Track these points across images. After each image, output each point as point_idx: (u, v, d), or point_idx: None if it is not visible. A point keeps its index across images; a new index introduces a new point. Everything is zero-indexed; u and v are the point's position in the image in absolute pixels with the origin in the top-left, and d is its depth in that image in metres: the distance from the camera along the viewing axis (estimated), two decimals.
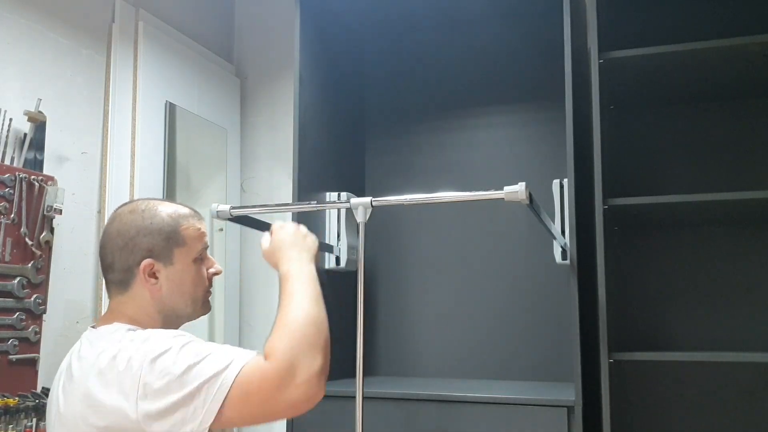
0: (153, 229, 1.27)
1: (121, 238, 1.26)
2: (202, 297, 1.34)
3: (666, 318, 2.13)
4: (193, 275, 1.31)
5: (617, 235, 2.16)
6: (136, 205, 1.31)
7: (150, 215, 1.28)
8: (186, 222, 1.31)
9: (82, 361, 1.19)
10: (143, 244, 1.25)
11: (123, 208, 1.31)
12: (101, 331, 1.24)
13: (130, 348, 1.14)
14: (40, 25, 2.00)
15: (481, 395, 1.82)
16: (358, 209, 1.46)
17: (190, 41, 2.61)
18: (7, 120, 1.85)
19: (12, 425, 1.73)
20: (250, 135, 2.83)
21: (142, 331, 1.21)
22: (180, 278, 1.28)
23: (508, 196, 1.38)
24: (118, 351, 1.14)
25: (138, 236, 1.26)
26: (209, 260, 1.36)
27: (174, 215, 1.30)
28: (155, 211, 1.29)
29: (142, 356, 1.12)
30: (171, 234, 1.28)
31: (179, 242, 1.28)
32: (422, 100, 2.51)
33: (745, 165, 2.11)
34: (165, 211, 1.30)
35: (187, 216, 1.32)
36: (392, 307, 2.44)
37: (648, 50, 1.83)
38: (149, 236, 1.26)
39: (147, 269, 1.25)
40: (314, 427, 1.95)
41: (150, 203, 1.31)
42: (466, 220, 2.40)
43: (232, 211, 1.59)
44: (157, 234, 1.26)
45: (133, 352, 1.13)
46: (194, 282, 1.31)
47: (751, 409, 2.03)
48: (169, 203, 1.34)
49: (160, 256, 1.26)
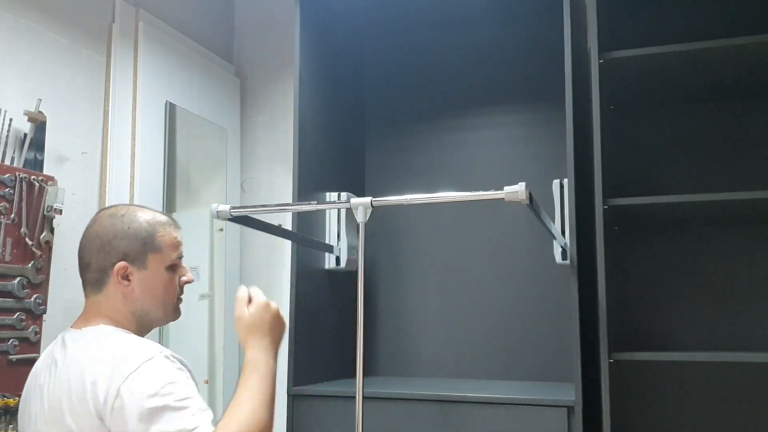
0: (130, 234, 1.32)
1: (99, 240, 1.32)
2: (173, 303, 1.38)
3: (666, 318, 2.13)
4: (165, 282, 1.35)
5: (617, 235, 2.16)
6: (116, 209, 1.37)
7: (129, 220, 1.33)
8: (163, 230, 1.35)
9: (68, 359, 1.23)
10: (120, 247, 1.31)
11: (104, 212, 1.37)
12: (87, 332, 1.28)
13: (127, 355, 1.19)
14: (40, 25, 2.00)
15: (481, 395, 1.82)
16: (358, 209, 1.47)
17: (190, 41, 2.61)
18: (7, 120, 1.85)
19: (12, 425, 1.73)
20: (250, 135, 2.83)
21: (141, 341, 1.25)
22: (152, 283, 1.33)
23: (508, 196, 1.38)
24: (119, 355, 1.19)
25: (115, 239, 1.31)
26: (182, 268, 1.40)
27: (152, 222, 1.35)
28: (134, 217, 1.34)
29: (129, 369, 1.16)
30: (147, 240, 1.33)
31: (155, 248, 1.33)
32: (422, 100, 2.51)
33: (745, 165, 2.11)
34: (143, 217, 1.35)
35: (165, 224, 1.37)
36: (392, 307, 2.44)
37: (648, 50, 1.83)
38: (126, 240, 1.31)
39: (120, 272, 1.30)
40: (314, 427, 1.94)
41: (130, 209, 1.37)
42: (466, 220, 2.40)
43: (232, 211, 1.60)
44: (133, 238, 1.32)
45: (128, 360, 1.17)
46: (165, 288, 1.36)
47: (751, 409, 2.03)
48: (149, 210, 1.39)
49: (135, 260, 1.32)
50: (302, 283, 2.08)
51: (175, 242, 1.37)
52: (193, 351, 2.49)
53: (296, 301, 2.05)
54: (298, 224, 2.10)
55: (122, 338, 1.26)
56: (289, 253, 2.22)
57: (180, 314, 1.41)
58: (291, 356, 2.02)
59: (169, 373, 1.17)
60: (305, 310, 2.09)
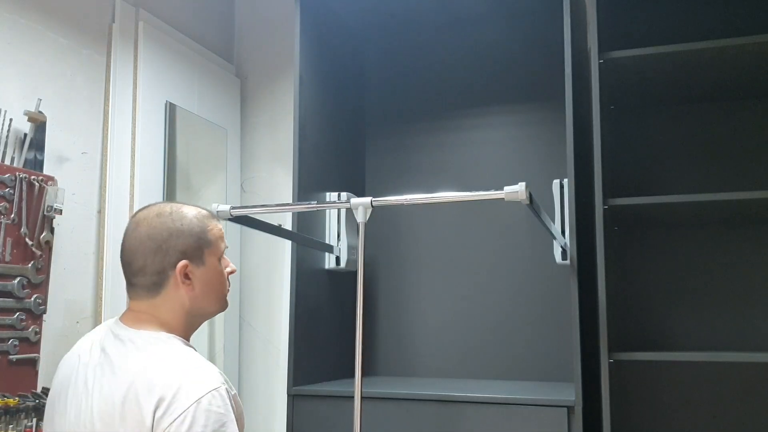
0: (184, 231, 1.30)
1: (152, 242, 1.28)
2: (225, 294, 1.38)
3: (666, 318, 2.13)
4: (219, 274, 1.35)
5: (617, 235, 2.16)
6: (161, 208, 1.33)
7: (179, 217, 1.31)
8: (210, 223, 1.35)
9: (126, 360, 1.22)
10: (177, 246, 1.28)
11: (147, 212, 1.33)
12: (144, 336, 1.26)
13: (195, 382, 1.18)
14: (40, 25, 2.00)
15: (481, 395, 1.82)
16: (358, 209, 1.47)
17: (190, 41, 2.61)
18: (7, 120, 1.85)
19: (12, 425, 1.73)
20: (250, 135, 2.83)
21: (212, 368, 1.24)
22: (210, 278, 1.33)
23: (508, 196, 1.38)
24: (187, 378, 1.18)
25: (171, 238, 1.28)
26: (225, 260, 1.39)
27: (199, 216, 1.34)
28: (183, 213, 1.32)
29: (196, 396, 1.16)
30: (200, 235, 1.31)
31: (207, 242, 1.32)
32: (422, 100, 2.51)
33: (745, 165, 2.11)
34: (191, 213, 1.33)
35: (210, 217, 1.36)
36: (392, 307, 2.44)
37: (648, 50, 1.83)
38: (182, 238, 1.29)
39: (182, 270, 1.28)
40: (314, 427, 1.94)
41: (174, 206, 1.34)
42: (466, 221, 2.40)
43: (232, 211, 1.60)
44: (188, 235, 1.30)
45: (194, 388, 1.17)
46: (220, 280, 1.36)
47: (751, 409, 2.03)
48: (191, 206, 1.37)
49: (193, 257, 1.30)
50: (302, 283, 2.08)
51: (221, 233, 1.37)
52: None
53: (296, 301, 2.05)
54: (298, 224, 2.10)
55: (191, 357, 1.25)
56: (289, 253, 2.22)
57: (228, 304, 1.41)
58: (291, 356, 2.02)
59: (226, 412, 1.18)
60: (305, 310, 2.10)
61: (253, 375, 2.65)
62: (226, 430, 1.16)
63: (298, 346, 2.04)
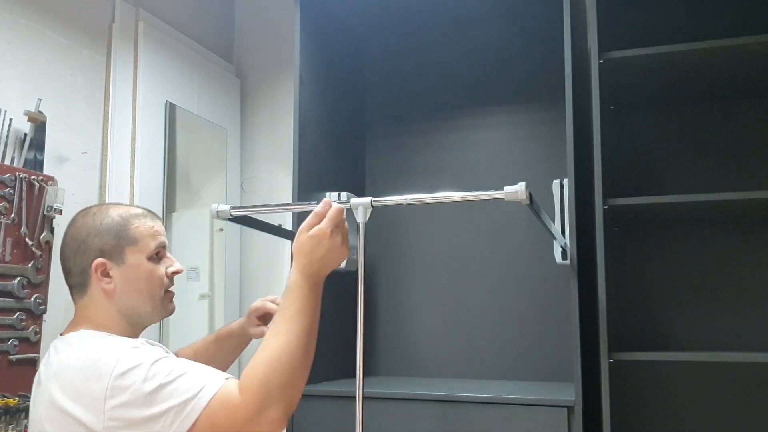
0: (102, 230, 1.29)
1: (74, 242, 1.29)
2: (160, 296, 1.33)
3: (666, 318, 2.13)
4: (147, 273, 1.31)
5: (617, 235, 2.16)
6: (89, 209, 1.34)
7: (100, 217, 1.31)
8: (137, 221, 1.32)
9: (48, 368, 1.21)
10: (94, 244, 1.28)
11: (77, 214, 1.34)
12: (69, 338, 1.25)
13: (98, 360, 1.14)
14: (40, 25, 2.00)
15: (481, 395, 1.82)
16: (358, 209, 1.47)
17: (190, 41, 2.62)
18: (7, 120, 1.85)
19: (12, 425, 1.73)
20: (250, 135, 2.83)
21: (111, 341, 1.20)
22: (134, 276, 1.29)
23: (508, 196, 1.38)
24: (87, 361, 1.15)
25: (89, 237, 1.28)
26: (168, 259, 1.36)
27: (124, 215, 1.32)
28: (106, 213, 1.32)
29: (110, 369, 1.12)
30: (120, 232, 1.30)
31: (130, 240, 1.30)
32: (422, 100, 2.51)
33: (745, 165, 2.11)
34: (115, 212, 1.32)
35: (138, 215, 1.34)
36: (392, 307, 2.44)
37: (648, 50, 1.83)
38: (99, 236, 1.28)
39: (99, 268, 1.27)
40: (314, 427, 1.94)
41: (102, 206, 1.35)
42: (466, 221, 2.40)
43: (232, 211, 1.60)
44: (106, 233, 1.29)
45: (102, 365, 1.13)
46: (149, 280, 1.31)
47: (751, 409, 2.03)
48: (123, 205, 1.36)
49: (112, 255, 1.28)
50: None
51: (152, 231, 1.33)
52: None
53: None
54: (299, 224, 2.10)
55: (95, 342, 1.21)
56: (289, 253, 2.21)
57: (173, 308, 1.37)
58: None
59: (147, 355, 1.14)
60: None
61: None
62: (159, 366, 1.12)
63: None
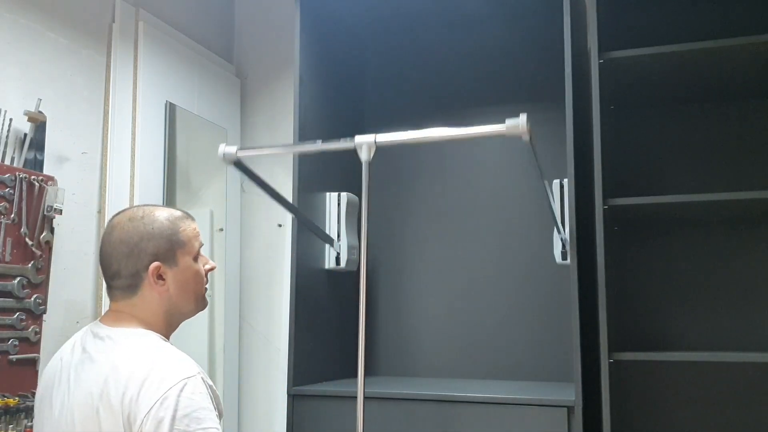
0: (155, 234, 1.34)
1: (125, 246, 1.33)
2: (202, 293, 1.43)
3: (666, 318, 2.13)
4: (194, 274, 1.40)
5: (617, 235, 2.16)
6: (133, 212, 1.38)
7: (150, 221, 1.35)
8: (183, 224, 1.39)
9: (109, 356, 1.25)
10: (148, 248, 1.33)
11: (120, 217, 1.38)
12: (122, 332, 1.30)
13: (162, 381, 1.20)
14: (40, 25, 2.00)
15: (481, 395, 1.82)
16: (362, 147, 1.51)
17: (190, 41, 2.61)
18: (7, 120, 1.85)
19: (12, 425, 1.73)
20: (250, 135, 2.83)
21: (174, 359, 1.25)
22: (184, 277, 1.37)
23: (509, 129, 1.39)
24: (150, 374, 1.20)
25: (142, 242, 1.33)
26: (203, 257, 1.44)
27: (171, 218, 1.38)
28: (154, 217, 1.37)
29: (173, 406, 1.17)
30: (172, 236, 1.36)
31: (180, 243, 1.37)
32: (422, 100, 2.51)
33: (745, 165, 2.11)
34: (162, 215, 1.38)
35: (183, 218, 1.41)
36: (392, 307, 2.44)
37: (648, 50, 1.83)
38: (153, 240, 1.34)
39: (155, 272, 1.33)
40: (314, 427, 1.94)
41: (146, 209, 1.39)
42: (467, 221, 2.40)
43: (239, 152, 1.60)
44: (159, 238, 1.34)
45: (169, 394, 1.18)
46: (196, 279, 1.40)
47: (751, 409, 2.03)
48: (164, 208, 1.42)
49: (166, 258, 1.34)
50: (302, 283, 2.08)
51: (196, 233, 1.42)
52: (193, 351, 2.48)
53: (296, 301, 2.05)
54: (299, 225, 2.10)
55: (166, 349, 1.29)
56: (289, 252, 2.22)
57: (207, 303, 1.45)
58: (291, 356, 2.02)
59: (204, 399, 1.21)
60: (305, 309, 2.09)
61: (253, 375, 2.65)
62: (201, 418, 1.18)
63: (298, 346, 2.04)
